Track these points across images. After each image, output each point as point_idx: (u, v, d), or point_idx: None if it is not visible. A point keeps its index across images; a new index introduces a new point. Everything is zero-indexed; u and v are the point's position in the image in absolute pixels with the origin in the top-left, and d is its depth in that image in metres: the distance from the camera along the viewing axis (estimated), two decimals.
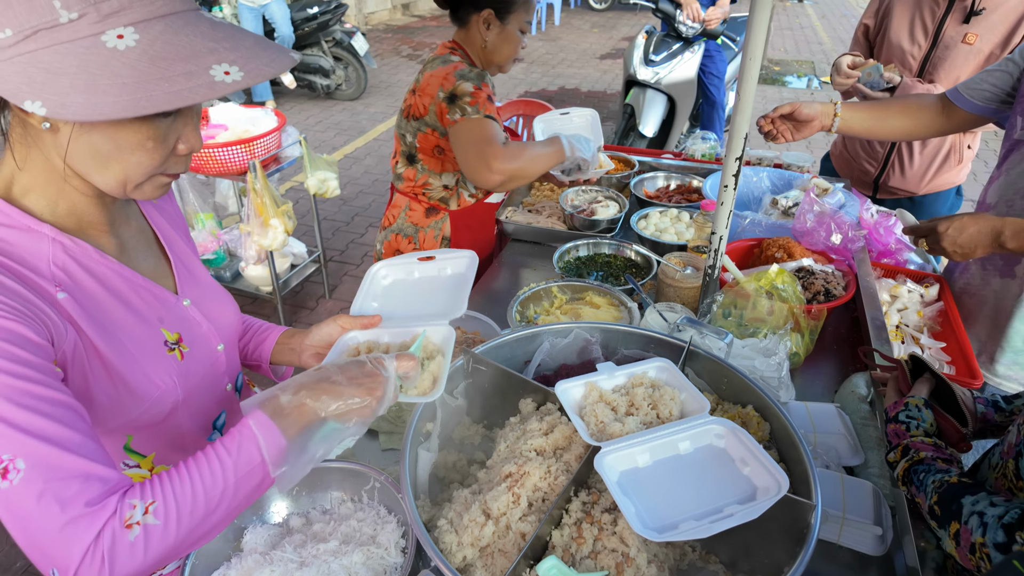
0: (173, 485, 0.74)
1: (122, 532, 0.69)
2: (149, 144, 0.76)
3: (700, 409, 1.01)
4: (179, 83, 0.68)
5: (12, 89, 0.68)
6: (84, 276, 0.85)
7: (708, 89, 4.91)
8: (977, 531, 0.84)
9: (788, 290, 1.56)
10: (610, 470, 0.89)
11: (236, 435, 0.79)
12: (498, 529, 0.90)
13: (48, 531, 0.67)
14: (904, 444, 1.05)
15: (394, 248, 2.08)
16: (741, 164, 1.32)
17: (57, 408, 0.71)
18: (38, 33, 0.67)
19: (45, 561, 0.69)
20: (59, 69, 0.67)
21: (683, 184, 2.47)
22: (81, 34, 0.67)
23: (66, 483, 0.68)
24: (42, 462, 0.68)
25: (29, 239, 0.80)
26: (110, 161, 0.76)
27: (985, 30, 2.10)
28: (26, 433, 0.68)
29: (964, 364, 1.58)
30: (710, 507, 0.86)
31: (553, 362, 1.29)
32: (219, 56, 0.70)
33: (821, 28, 11.72)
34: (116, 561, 0.68)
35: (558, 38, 10.67)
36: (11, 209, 0.79)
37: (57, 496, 0.68)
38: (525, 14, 1.82)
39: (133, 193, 0.82)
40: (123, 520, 0.70)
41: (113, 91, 0.66)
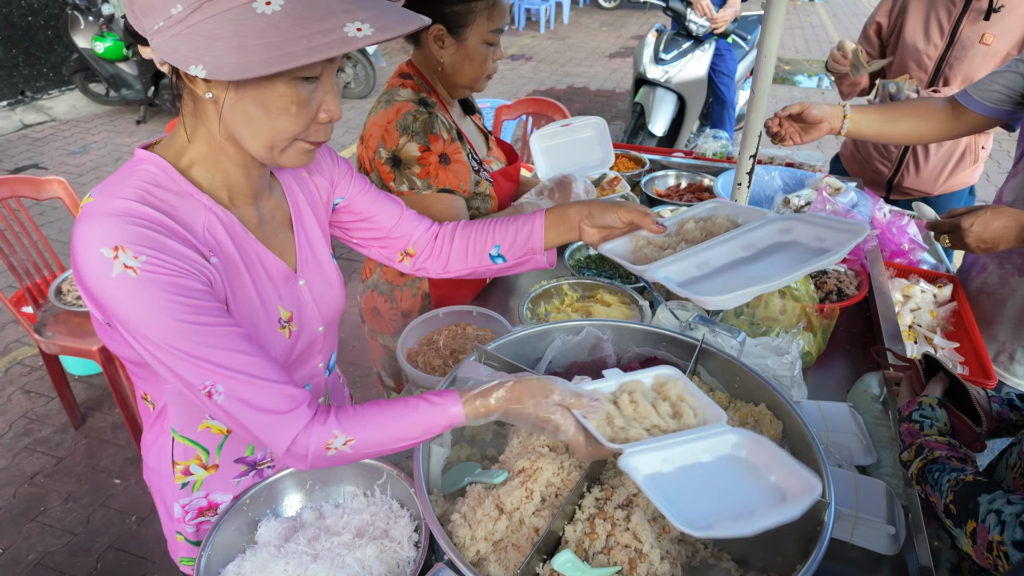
0: (370, 430, 0.88)
1: (322, 449, 0.87)
2: (293, 108, 0.84)
3: (716, 417, 0.98)
4: (317, 39, 0.73)
5: (181, 57, 0.76)
6: (230, 245, 0.95)
7: (718, 88, 4.89)
8: (995, 529, 0.83)
9: (801, 289, 1.55)
10: (636, 472, 0.87)
11: (434, 404, 0.91)
12: (511, 524, 0.91)
13: (257, 430, 0.85)
14: (918, 443, 1.04)
15: (372, 305, 1.87)
16: (755, 162, 1.31)
17: (236, 337, 0.85)
18: (202, 6, 0.75)
19: (257, 444, 0.88)
20: (217, 35, 0.74)
21: (694, 183, 2.47)
22: (235, 3, 0.75)
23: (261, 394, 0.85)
24: (235, 386, 0.84)
25: (190, 206, 0.90)
26: (260, 126, 0.85)
27: (1002, 31, 2.08)
28: (217, 364, 0.82)
29: (978, 364, 1.57)
30: (743, 511, 0.83)
31: (564, 359, 1.29)
32: (353, 15, 0.76)
33: (832, 27, 11.65)
34: (316, 462, 0.88)
35: (567, 36, 10.65)
36: (180, 178, 0.90)
37: (255, 407, 0.84)
38: (488, 22, 1.49)
39: (280, 158, 0.90)
40: (325, 442, 0.86)
41: (259, 50, 0.73)
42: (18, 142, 5.97)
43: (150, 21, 0.78)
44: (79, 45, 5.96)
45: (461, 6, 1.45)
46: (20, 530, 2.45)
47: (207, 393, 0.83)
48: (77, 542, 2.41)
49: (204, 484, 1.13)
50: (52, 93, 6.81)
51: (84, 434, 2.89)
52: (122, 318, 0.81)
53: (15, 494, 2.59)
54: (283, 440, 0.85)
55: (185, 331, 0.81)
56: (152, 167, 0.89)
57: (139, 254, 0.79)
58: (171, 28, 0.77)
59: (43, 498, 2.58)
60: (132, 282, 0.79)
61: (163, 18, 0.77)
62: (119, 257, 0.78)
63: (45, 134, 6.15)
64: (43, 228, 4.40)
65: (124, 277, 0.78)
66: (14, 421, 2.96)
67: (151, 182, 0.87)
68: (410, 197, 1.50)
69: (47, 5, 6.51)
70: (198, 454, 1.10)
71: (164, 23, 0.77)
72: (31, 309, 2.67)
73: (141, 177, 0.87)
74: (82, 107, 6.70)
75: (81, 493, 2.60)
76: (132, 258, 0.79)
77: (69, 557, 2.36)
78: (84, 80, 6.44)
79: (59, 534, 2.44)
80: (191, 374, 0.82)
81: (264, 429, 0.85)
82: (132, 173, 0.88)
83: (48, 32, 6.59)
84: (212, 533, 1.03)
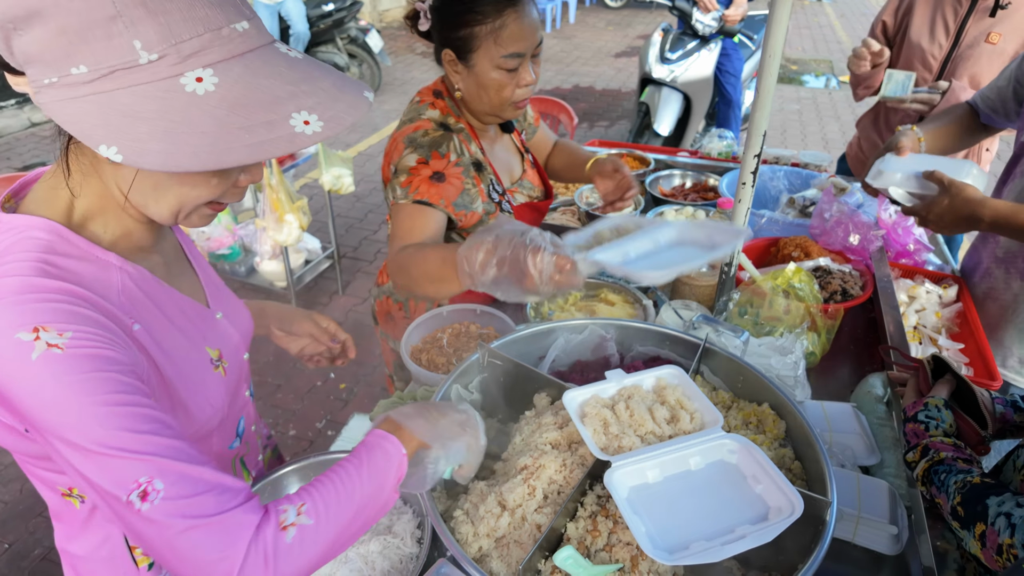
0: (318, 489, 0.77)
1: (279, 533, 0.71)
2: (214, 181, 0.76)
3: (713, 421, 0.98)
4: (260, 134, 0.65)
5: (87, 130, 0.64)
6: (147, 304, 0.84)
7: (724, 88, 4.88)
8: (1004, 532, 0.83)
9: (805, 289, 1.55)
10: (620, 487, 0.88)
11: (362, 446, 0.84)
12: (514, 520, 0.91)
13: (202, 545, 0.68)
14: (923, 444, 1.04)
15: (386, 310, 1.82)
16: (759, 161, 1.31)
17: (168, 427, 0.72)
18: (115, 72, 0.63)
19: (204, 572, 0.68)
20: (137, 113, 0.64)
21: (699, 182, 2.46)
22: (160, 76, 0.64)
23: (207, 493, 0.69)
24: (179, 478, 0.68)
25: (99, 269, 0.78)
26: (168, 193, 0.75)
27: (1009, 29, 2.06)
28: (156, 452, 0.68)
29: (983, 366, 1.56)
30: (722, 526, 0.84)
31: (568, 358, 1.29)
32: (298, 102, 0.68)
33: (840, 27, 11.60)
34: (279, 561, 0.70)
35: (573, 36, 10.64)
36: (79, 240, 0.77)
37: (202, 509, 0.68)
38: (497, 47, 1.35)
39: (183, 222, 0.81)
40: (279, 523, 0.72)
41: (193, 141, 0.64)
42: (26, 140, 6.00)
43: (38, 72, 0.65)
44: None
45: (464, 31, 1.36)
46: (26, 525, 2.47)
47: (141, 493, 0.66)
48: None
49: None
50: None
51: None
52: (41, 409, 0.67)
53: (21, 489, 2.61)
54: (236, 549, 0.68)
55: (120, 415, 0.68)
56: (40, 233, 0.74)
57: (64, 331, 0.68)
58: (69, 89, 0.64)
59: None
60: (58, 361, 0.66)
61: (58, 74, 0.64)
62: (41, 337, 0.66)
63: (53, 132, 6.18)
64: None
65: (48, 357, 0.66)
66: None
67: (45, 251, 0.73)
68: (393, 207, 1.43)
69: None
70: None
71: (59, 79, 0.64)
72: None
73: (29, 248, 0.72)
74: None
75: None
76: (56, 335, 0.67)
77: None
78: None
79: None
80: (123, 471, 0.67)
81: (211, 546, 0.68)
82: (14, 246, 0.73)
83: None
84: None
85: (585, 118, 6.93)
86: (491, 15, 1.33)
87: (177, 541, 0.67)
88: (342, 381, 3.28)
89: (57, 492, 0.89)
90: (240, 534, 0.69)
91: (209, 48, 0.66)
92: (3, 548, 2.38)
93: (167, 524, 0.67)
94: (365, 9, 9.93)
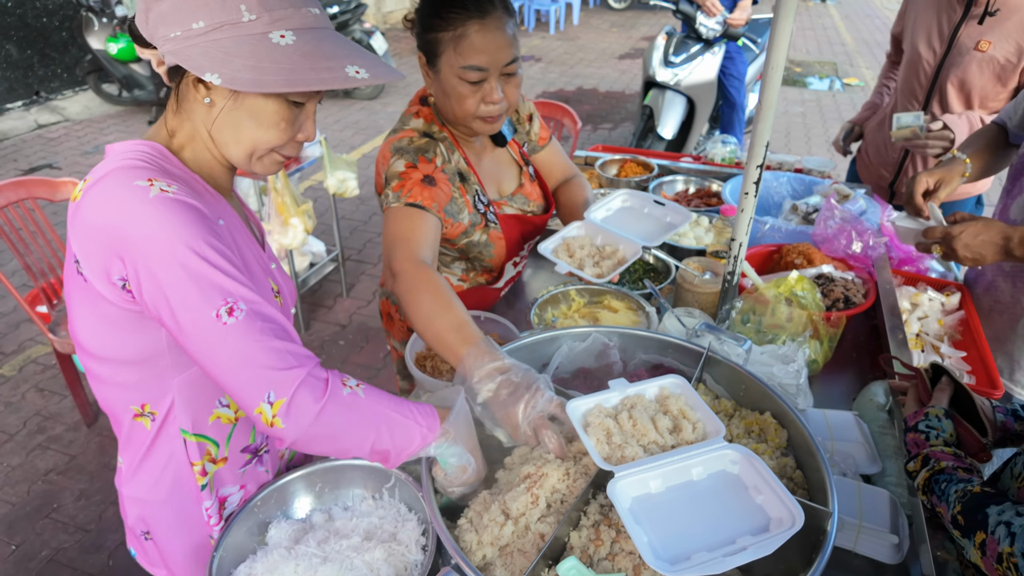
0: (375, 391, 0.95)
1: (340, 385, 0.90)
2: (282, 124, 0.94)
3: (715, 431, 0.99)
4: (323, 73, 0.85)
5: (196, 64, 0.84)
6: (231, 219, 1.03)
7: (728, 91, 4.88)
8: (1004, 541, 0.84)
9: (807, 297, 1.56)
10: (622, 497, 0.89)
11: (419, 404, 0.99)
12: (517, 529, 0.92)
13: (272, 357, 0.84)
14: (924, 454, 1.05)
15: (387, 311, 1.80)
16: (762, 171, 1.32)
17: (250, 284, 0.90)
18: (224, 26, 0.84)
19: (262, 386, 0.84)
20: (235, 52, 0.84)
21: (702, 188, 2.47)
22: (256, 31, 0.85)
23: (282, 328, 0.88)
24: (260, 309, 0.87)
25: (192, 181, 0.97)
26: (246, 135, 0.94)
27: (999, 37, 2.06)
28: (242, 284, 0.87)
29: (985, 374, 1.57)
30: (723, 537, 0.85)
31: (571, 365, 1.30)
32: (352, 60, 0.88)
33: (844, 28, 11.58)
34: (331, 402, 0.87)
35: (576, 37, 10.65)
36: (175, 160, 0.97)
37: (278, 333, 0.86)
38: (456, 56, 1.33)
39: (255, 165, 0.98)
40: (341, 378, 0.90)
41: (273, 72, 0.84)
42: (32, 142, 6.04)
43: (166, 29, 0.86)
44: (93, 46, 6.03)
45: (431, 35, 1.37)
46: (34, 526, 2.49)
47: (228, 310, 0.84)
48: (89, 539, 2.45)
49: (215, 479, 1.12)
50: (66, 93, 6.88)
51: (96, 432, 2.93)
52: (148, 239, 0.83)
53: (29, 491, 2.64)
54: (298, 372, 0.85)
55: (213, 253, 0.86)
56: (147, 148, 0.93)
57: (171, 184, 0.87)
58: (189, 39, 0.85)
59: (56, 495, 2.62)
60: (170, 200, 0.85)
61: (182, 29, 0.85)
62: (155, 184, 0.85)
63: (59, 134, 6.23)
64: (57, 228, 4.44)
65: (162, 197, 0.84)
66: (28, 419, 3.00)
67: (151, 157, 0.92)
68: (385, 212, 1.41)
69: (62, 7, 6.58)
70: (208, 449, 1.09)
71: (182, 33, 0.85)
72: (45, 308, 2.72)
73: (140, 154, 0.92)
74: (95, 107, 6.77)
75: (93, 490, 2.64)
76: (167, 185, 0.86)
77: (81, 554, 2.39)
78: (97, 81, 6.52)
79: (72, 531, 2.48)
80: (211, 292, 0.84)
81: (280, 358, 0.85)
82: (128, 152, 0.92)
83: (63, 33, 6.67)
84: (224, 535, 1.05)
85: (589, 120, 6.93)
86: (454, 23, 1.32)
87: (252, 349, 0.84)
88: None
89: (130, 413, 1.03)
90: (309, 363, 0.87)
91: (291, 17, 0.87)
92: (11, 550, 2.40)
93: (248, 334, 0.84)
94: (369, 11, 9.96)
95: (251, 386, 0.84)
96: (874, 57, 9.61)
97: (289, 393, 0.83)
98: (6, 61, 6.26)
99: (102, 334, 0.95)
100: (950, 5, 2.16)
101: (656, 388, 1.09)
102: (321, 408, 0.86)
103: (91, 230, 0.86)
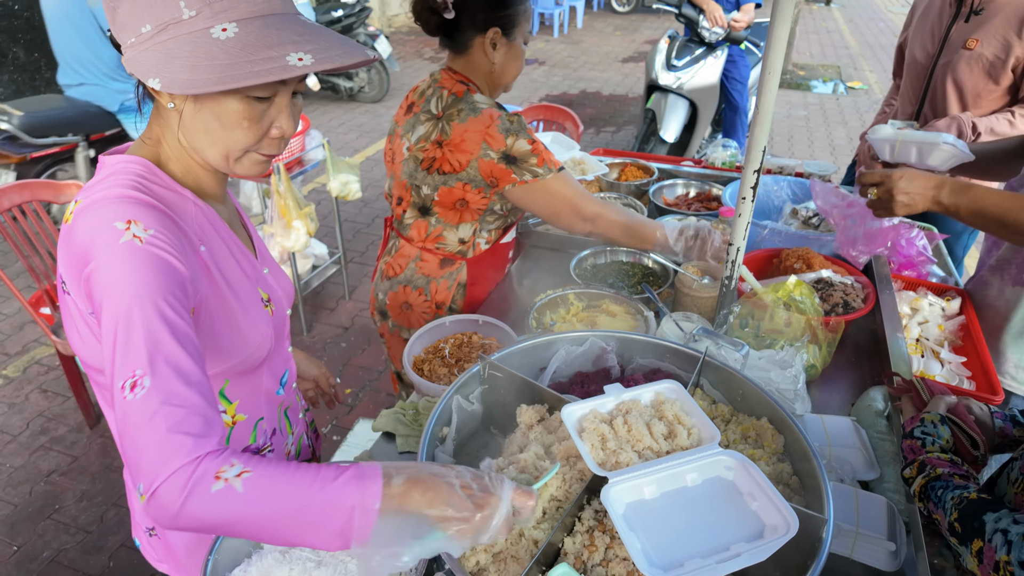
0: (272, 470, 0.77)
1: (210, 478, 0.74)
2: (244, 123, 0.91)
3: (711, 437, 0.99)
4: (260, 65, 0.82)
5: (142, 70, 0.84)
6: (213, 234, 1.02)
7: (731, 94, 4.88)
8: (1001, 549, 0.83)
9: (806, 302, 1.55)
10: (616, 503, 0.88)
11: (343, 470, 0.78)
12: (511, 536, 0.92)
13: (149, 445, 0.75)
14: (920, 460, 1.05)
15: (401, 300, 1.88)
16: (759, 176, 1.32)
17: (191, 345, 0.82)
18: (167, 27, 0.83)
19: (137, 474, 0.76)
20: (176, 54, 0.82)
21: (703, 192, 2.47)
22: (197, 27, 0.83)
23: (178, 410, 0.77)
24: (166, 386, 0.77)
25: (178, 199, 0.97)
26: (216, 137, 0.92)
27: (986, 35, 2.08)
28: (162, 357, 0.78)
29: (985, 379, 1.56)
30: (717, 544, 0.85)
31: (569, 369, 1.30)
32: (299, 47, 0.84)
33: (848, 32, 11.57)
34: (191, 499, 0.73)
35: (580, 41, 10.67)
36: (163, 175, 0.96)
37: (167, 418, 0.76)
38: (526, 23, 1.70)
39: (235, 167, 0.97)
40: (217, 470, 0.75)
41: (208, 70, 0.81)
42: None
43: (126, 35, 0.86)
44: None
45: (513, 8, 1.63)
46: (35, 527, 2.50)
47: (131, 384, 0.76)
48: (90, 540, 2.45)
49: None
50: None
51: (99, 433, 2.94)
52: (108, 282, 0.81)
53: (31, 492, 2.65)
54: (172, 462, 0.73)
55: (156, 312, 0.80)
56: (135, 166, 0.94)
57: (148, 227, 0.85)
58: (140, 44, 0.85)
59: (58, 496, 2.63)
60: (135, 249, 0.82)
61: (134, 35, 0.85)
62: (131, 228, 0.84)
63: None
64: None
65: (130, 245, 0.82)
66: (31, 420, 3.02)
67: (140, 177, 0.92)
68: (535, 184, 1.61)
69: None
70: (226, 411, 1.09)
71: (135, 39, 0.85)
72: (49, 310, 2.73)
73: (128, 174, 0.92)
74: None
75: (95, 492, 2.65)
76: (142, 230, 0.84)
77: (82, 555, 2.40)
78: None
79: (73, 532, 2.48)
80: (128, 356, 0.78)
81: (157, 448, 0.74)
82: (116, 173, 0.92)
83: None
84: (219, 537, 1.05)
85: (591, 123, 6.94)
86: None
87: (135, 433, 0.76)
88: (348, 386, 3.30)
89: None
90: (181, 456, 0.74)
91: (235, 7, 0.84)
92: (12, 551, 2.41)
93: (135, 418, 0.76)
94: (374, 15, 9.99)
95: (131, 469, 0.76)
96: (878, 61, 9.59)
97: (151, 489, 0.73)
98: (13, 63, 6.31)
99: (94, 346, 0.94)
100: (944, 8, 2.18)
101: (652, 393, 1.08)
102: (179, 508, 0.73)
103: (73, 259, 0.86)
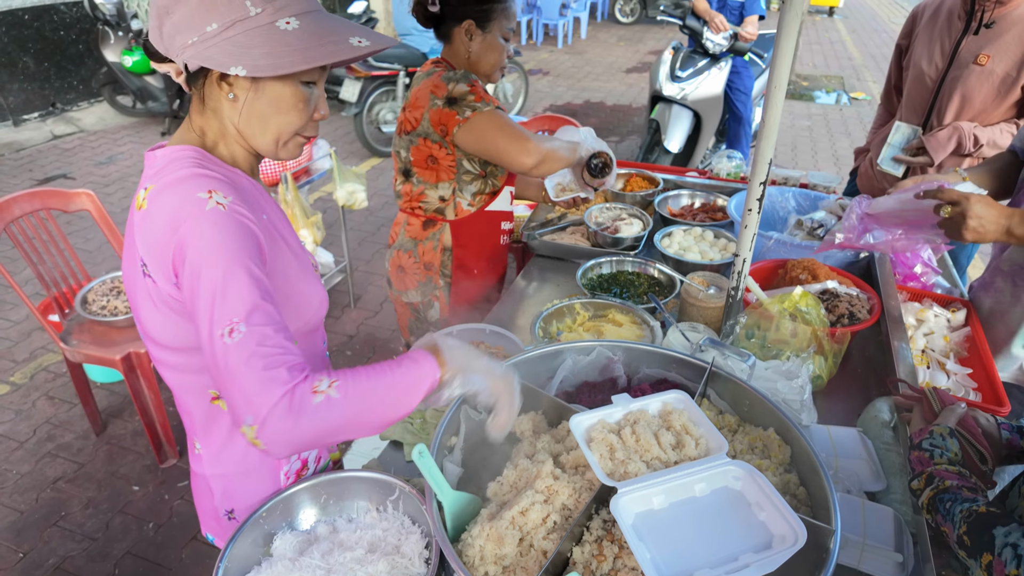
0: (353, 375, 0.93)
1: (310, 395, 0.87)
2: (300, 105, 1.02)
3: (718, 447, 0.99)
4: (330, 47, 0.95)
5: (218, 62, 0.93)
6: (270, 206, 1.11)
7: (735, 105, 4.90)
8: (1011, 563, 0.83)
9: (812, 312, 1.56)
10: (625, 513, 0.89)
11: (404, 357, 0.99)
12: (521, 546, 0.93)
13: (251, 382, 0.86)
14: (928, 472, 1.05)
15: (397, 264, 2.07)
16: (765, 188, 1.33)
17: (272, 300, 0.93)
18: (235, 23, 0.93)
19: (243, 409, 0.86)
20: (250, 45, 0.92)
21: (708, 203, 2.48)
22: (263, 22, 0.94)
23: (271, 350, 0.88)
24: (259, 330, 0.88)
25: (235, 176, 1.05)
26: (270, 122, 1.02)
27: (998, 51, 2.07)
28: (254, 307, 0.89)
29: (991, 391, 1.56)
30: (725, 554, 0.85)
31: (575, 379, 1.31)
32: (354, 32, 0.98)
33: (851, 43, 11.61)
34: (302, 416, 0.86)
35: (584, 51, 10.73)
36: (214, 158, 1.04)
37: (263, 357, 0.88)
38: (506, 21, 1.86)
39: (280, 151, 1.06)
40: (312, 387, 0.88)
41: (288, 54, 0.93)
42: (48, 152, 6.13)
43: (183, 38, 0.93)
44: (108, 59, 6.13)
45: (487, 5, 1.82)
46: (41, 534, 2.50)
47: (228, 330, 0.87)
48: (96, 548, 2.46)
49: None
50: (81, 105, 6.99)
51: (105, 441, 2.95)
52: (199, 249, 0.89)
53: (37, 499, 2.65)
54: (275, 392, 0.86)
55: (244, 270, 0.91)
56: (189, 152, 1.00)
57: (227, 195, 0.95)
58: (205, 42, 0.93)
59: (64, 503, 2.64)
60: (221, 215, 0.92)
61: (198, 34, 0.93)
62: (212, 196, 0.93)
63: (74, 145, 6.32)
64: (70, 238, 4.51)
65: (216, 211, 0.92)
66: (38, 426, 3.03)
67: (197, 160, 0.99)
68: (476, 118, 1.76)
69: (79, 20, 6.70)
70: None
71: (198, 38, 0.93)
72: (57, 317, 2.75)
73: (186, 159, 0.99)
74: (109, 119, 6.87)
75: (101, 499, 2.66)
76: (223, 197, 0.94)
77: (88, 562, 2.40)
78: (112, 92, 6.61)
79: (79, 539, 2.49)
80: (225, 308, 0.88)
81: (259, 382, 0.86)
82: (175, 160, 0.98)
83: (79, 46, 6.78)
84: (230, 544, 1.06)
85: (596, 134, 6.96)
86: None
87: (238, 371, 0.87)
88: None
89: (207, 397, 1.11)
90: (282, 383, 0.87)
91: (291, 4, 0.96)
92: (18, 557, 2.42)
93: (234, 359, 0.87)
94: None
95: (236, 407, 0.87)
96: (881, 71, 9.61)
97: (261, 419, 0.85)
98: (24, 73, 6.37)
99: (174, 327, 1.01)
100: (952, 20, 2.18)
101: (659, 403, 1.09)
102: (292, 427, 0.86)
103: (158, 236, 0.93)
